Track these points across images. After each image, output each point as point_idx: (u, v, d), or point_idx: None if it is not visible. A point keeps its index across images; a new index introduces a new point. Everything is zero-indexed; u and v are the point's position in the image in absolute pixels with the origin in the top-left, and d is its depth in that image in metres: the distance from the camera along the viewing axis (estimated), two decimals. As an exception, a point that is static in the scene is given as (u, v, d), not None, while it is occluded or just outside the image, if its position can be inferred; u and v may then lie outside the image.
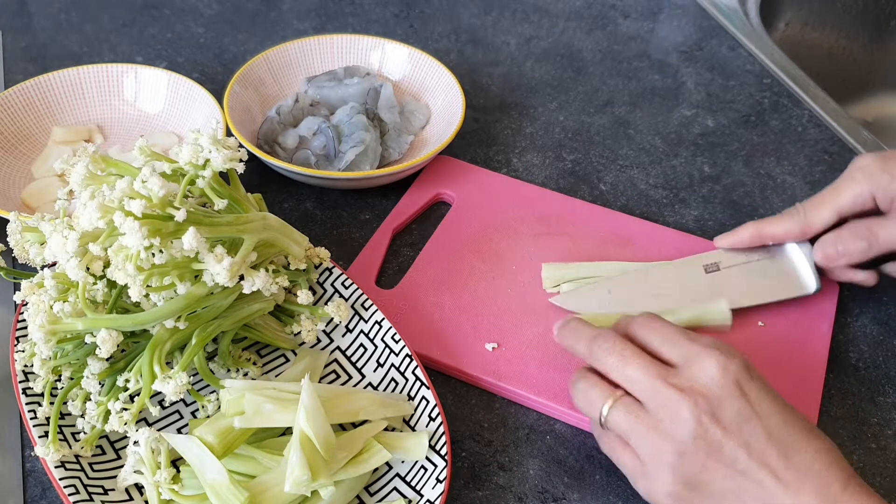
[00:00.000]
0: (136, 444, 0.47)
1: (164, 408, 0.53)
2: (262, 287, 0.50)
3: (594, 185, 0.73)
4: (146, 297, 0.47)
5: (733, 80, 0.85)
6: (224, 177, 0.52)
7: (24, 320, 0.53)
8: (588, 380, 0.48)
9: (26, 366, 0.51)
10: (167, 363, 0.48)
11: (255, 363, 0.55)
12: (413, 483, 0.49)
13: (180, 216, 0.45)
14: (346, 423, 0.51)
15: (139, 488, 0.48)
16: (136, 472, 0.47)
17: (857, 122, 0.80)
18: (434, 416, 0.51)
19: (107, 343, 0.45)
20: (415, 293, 0.61)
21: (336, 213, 0.69)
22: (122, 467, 0.48)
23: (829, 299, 0.61)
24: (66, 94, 0.73)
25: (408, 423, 0.52)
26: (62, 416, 0.50)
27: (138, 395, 0.47)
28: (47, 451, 0.47)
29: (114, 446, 0.51)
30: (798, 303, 0.61)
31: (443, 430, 0.50)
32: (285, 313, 0.56)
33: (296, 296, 0.55)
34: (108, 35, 0.87)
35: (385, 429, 0.50)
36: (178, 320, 0.48)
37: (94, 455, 0.49)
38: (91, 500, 0.46)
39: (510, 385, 0.55)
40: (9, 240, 0.54)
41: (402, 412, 0.51)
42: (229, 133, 0.67)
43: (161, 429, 0.51)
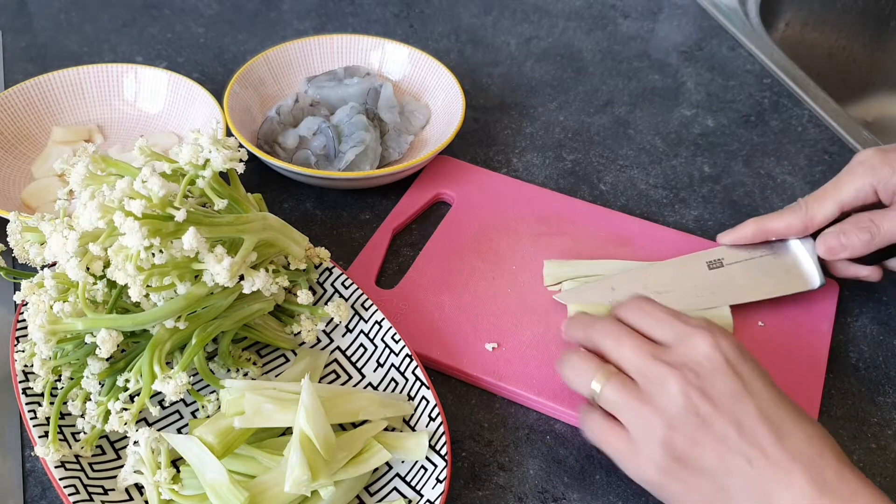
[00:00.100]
0: (136, 444, 0.47)
1: (164, 408, 0.53)
2: (262, 287, 0.50)
3: (594, 185, 0.73)
4: (146, 297, 0.47)
5: (733, 80, 0.85)
6: (224, 177, 0.52)
7: (24, 320, 0.53)
8: (580, 354, 0.49)
9: (26, 366, 0.51)
10: (167, 363, 0.48)
11: (255, 363, 0.55)
12: (413, 483, 0.49)
13: (180, 216, 0.45)
14: (346, 423, 0.51)
15: (139, 488, 0.48)
16: (136, 472, 0.47)
17: (857, 122, 0.80)
18: (434, 416, 0.51)
19: (107, 343, 0.45)
20: (415, 293, 0.61)
21: (336, 213, 0.69)
22: (122, 467, 0.48)
23: (829, 299, 0.61)
24: (66, 94, 0.73)
25: (408, 423, 0.52)
26: (62, 416, 0.50)
27: (138, 395, 0.47)
28: (47, 451, 0.47)
29: (114, 446, 0.51)
30: (798, 303, 0.61)
31: (443, 430, 0.50)
32: (285, 313, 0.56)
33: (296, 296, 0.55)
34: (108, 35, 0.87)
35: (385, 429, 0.50)
36: (178, 320, 0.48)
37: (94, 455, 0.49)
38: (91, 500, 0.46)
39: (510, 385, 0.55)
40: (9, 240, 0.54)
41: (402, 412, 0.51)
42: (229, 133, 0.67)
43: (161, 429, 0.51)
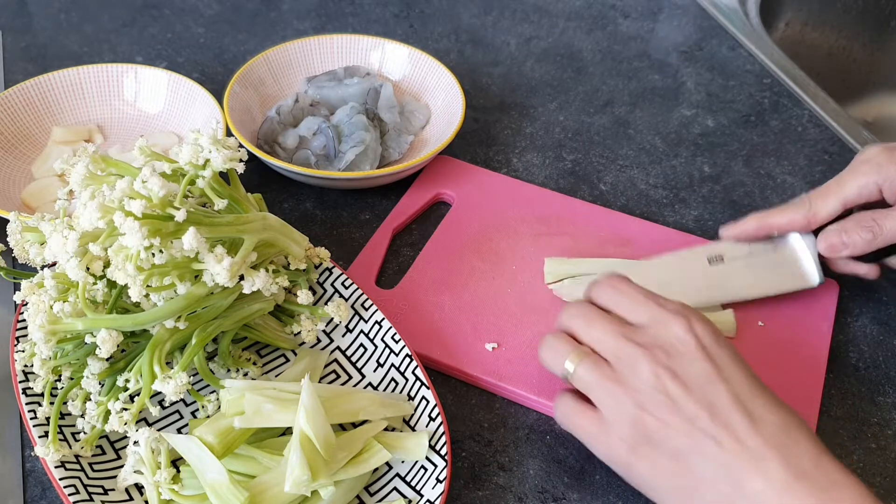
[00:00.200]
0: (136, 444, 0.47)
1: (164, 408, 0.53)
2: (262, 287, 0.50)
3: (594, 185, 0.73)
4: (146, 297, 0.47)
5: (733, 80, 0.85)
6: (224, 177, 0.52)
7: (24, 320, 0.53)
8: (556, 335, 0.49)
9: (26, 366, 0.51)
10: (167, 363, 0.48)
11: (255, 363, 0.55)
12: (413, 483, 0.49)
13: (180, 216, 0.45)
14: (346, 423, 0.51)
15: (139, 488, 0.48)
16: (136, 472, 0.47)
17: (857, 122, 0.80)
18: (434, 416, 0.51)
19: (107, 343, 0.45)
20: (415, 293, 0.61)
21: (336, 213, 0.69)
22: (122, 467, 0.48)
23: (829, 299, 0.61)
24: (66, 94, 0.73)
25: (408, 423, 0.52)
26: (62, 416, 0.50)
27: (138, 395, 0.47)
28: (47, 451, 0.47)
29: (114, 446, 0.51)
30: (798, 303, 0.61)
31: (443, 430, 0.50)
32: (285, 313, 0.56)
33: (296, 296, 0.55)
34: (108, 35, 0.87)
35: (385, 429, 0.50)
36: (178, 320, 0.48)
37: (94, 455, 0.49)
38: (91, 500, 0.46)
39: (510, 385, 0.55)
40: (9, 240, 0.54)
41: (402, 412, 0.51)
42: (229, 133, 0.67)
43: (161, 429, 0.51)
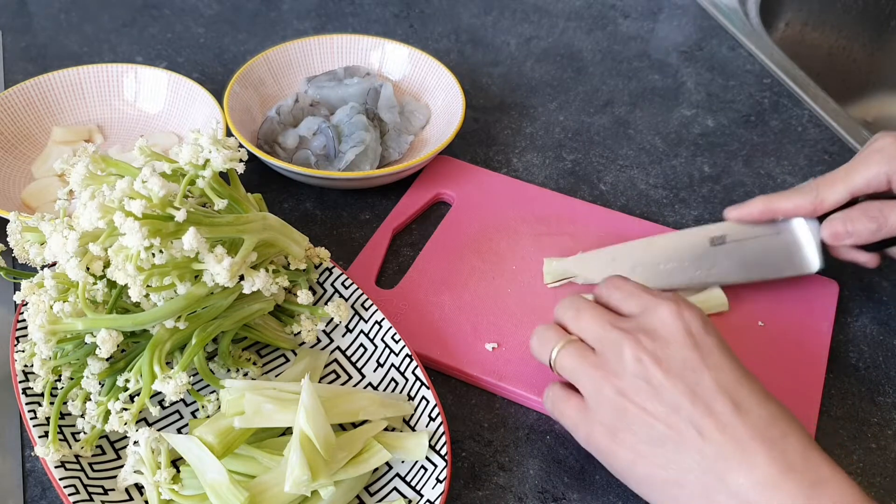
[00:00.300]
0: (136, 444, 0.47)
1: (164, 408, 0.53)
2: (262, 287, 0.50)
3: (594, 185, 0.73)
4: (146, 298, 0.47)
5: (733, 80, 0.85)
6: (224, 177, 0.52)
7: (24, 320, 0.53)
8: (546, 325, 0.50)
9: (26, 366, 0.51)
10: (167, 363, 0.48)
11: (255, 363, 0.55)
12: (413, 483, 0.49)
13: (180, 216, 0.45)
14: (346, 423, 0.51)
15: (139, 488, 0.48)
16: (136, 472, 0.47)
17: (857, 122, 0.80)
18: (434, 416, 0.51)
19: (107, 343, 0.45)
20: (415, 293, 0.61)
21: (336, 213, 0.69)
22: (122, 467, 0.48)
23: (829, 299, 0.61)
24: (66, 94, 0.73)
25: (408, 423, 0.52)
26: (62, 416, 0.50)
27: (138, 395, 0.47)
28: (47, 451, 0.47)
29: (114, 446, 0.51)
30: (798, 303, 0.61)
31: (443, 430, 0.50)
32: (285, 313, 0.56)
33: (296, 296, 0.55)
34: (108, 35, 0.87)
35: (385, 429, 0.50)
36: (178, 320, 0.48)
37: (94, 455, 0.49)
38: (91, 500, 0.46)
39: (510, 385, 0.55)
40: (9, 240, 0.54)
41: (402, 412, 0.51)
42: (229, 133, 0.67)
43: (161, 429, 0.51)
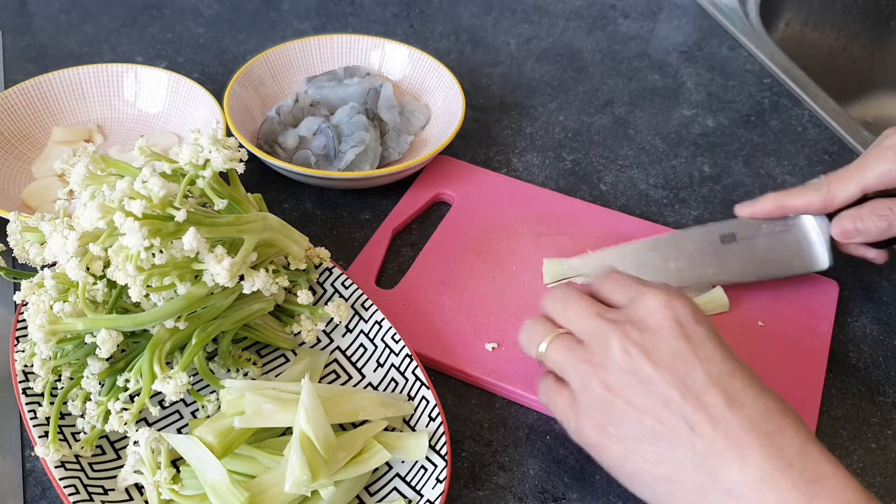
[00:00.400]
0: (136, 444, 0.47)
1: (164, 408, 0.53)
2: (262, 287, 0.50)
3: (594, 185, 0.73)
4: (146, 298, 0.47)
5: (733, 80, 0.85)
6: (224, 177, 0.52)
7: (24, 320, 0.53)
8: (534, 319, 0.49)
9: (26, 366, 0.51)
10: (167, 363, 0.48)
11: (255, 363, 0.55)
12: (413, 483, 0.49)
13: (180, 216, 0.45)
14: (346, 423, 0.51)
15: (139, 488, 0.48)
16: (136, 472, 0.47)
17: (857, 122, 0.80)
18: (434, 416, 0.51)
19: (107, 343, 0.45)
20: (415, 293, 0.61)
21: (336, 213, 0.69)
22: (122, 467, 0.48)
23: (829, 299, 0.61)
24: (66, 94, 0.73)
25: (408, 423, 0.52)
26: (62, 416, 0.50)
27: (138, 395, 0.47)
28: (47, 451, 0.47)
29: (114, 446, 0.51)
30: (798, 303, 0.61)
31: (443, 430, 0.50)
32: (285, 313, 0.56)
33: (296, 296, 0.55)
34: (108, 35, 0.87)
35: (385, 429, 0.50)
36: (178, 320, 0.48)
37: (94, 455, 0.49)
38: (91, 500, 0.46)
39: (510, 385, 0.55)
40: (9, 240, 0.54)
41: (402, 412, 0.51)
42: (229, 133, 0.67)
43: (161, 429, 0.51)
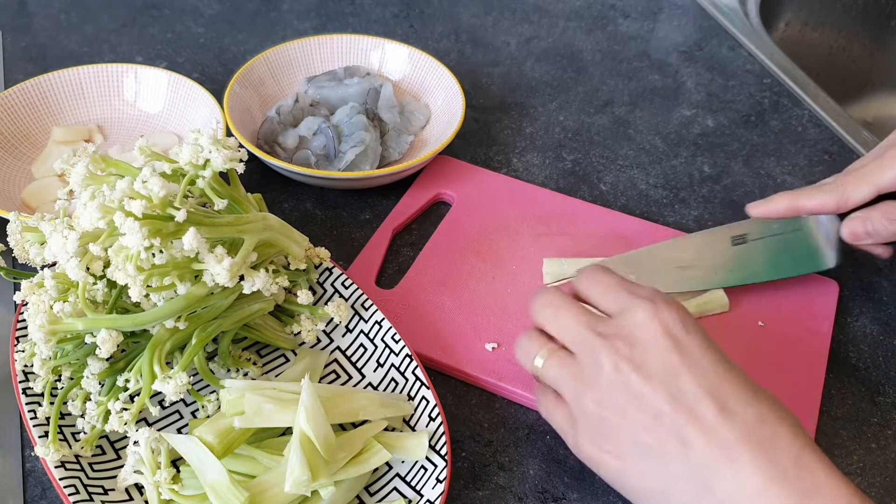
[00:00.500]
0: (136, 444, 0.47)
1: (164, 408, 0.53)
2: (262, 287, 0.50)
3: (594, 185, 0.73)
4: (146, 298, 0.47)
5: (733, 80, 0.85)
6: (224, 177, 0.52)
7: (24, 320, 0.53)
8: (528, 334, 0.48)
9: (26, 366, 0.51)
10: (167, 363, 0.48)
11: (255, 363, 0.55)
12: (413, 483, 0.49)
13: (180, 216, 0.45)
14: (346, 423, 0.51)
15: (139, 488, 0.48)
16: (136, 472, 0.47)
17: (857, 122, 0.80)
18: (434, 416, 0.51)
19: (107, 343, 0.45)
20: (415, 293, 0.61)
21: (336, 213, 0.69)
22: (122, 467, 0.48)
23: (829, 299, 0.62)
24: (66, 94, 0.73)
25: (408, 423, 0.52)
26: (62, 416, 0.50)
27: (138, 395, 0.47)
28: (47, 451, 0.47)
29: (114, 446, 0.51)
30: (798, 303, 0.61)
31: (443, 430, 0.50)
32: (285, 313, 0.56)
33: (296, 296, 0.55)
34: (108, 35, 0.87)
35: (385, 429, 0.50)
36: (178, 320, 0.48)
37: (94, 455, 0.49)
38: (91, 500, 0.46)
39: (510, 385, 0.55)
40: (9, 240, 0.54)
41: (402, 412, 0.51)
42: (229, 133, 0.67)
43: (161, 429, 0.51)
